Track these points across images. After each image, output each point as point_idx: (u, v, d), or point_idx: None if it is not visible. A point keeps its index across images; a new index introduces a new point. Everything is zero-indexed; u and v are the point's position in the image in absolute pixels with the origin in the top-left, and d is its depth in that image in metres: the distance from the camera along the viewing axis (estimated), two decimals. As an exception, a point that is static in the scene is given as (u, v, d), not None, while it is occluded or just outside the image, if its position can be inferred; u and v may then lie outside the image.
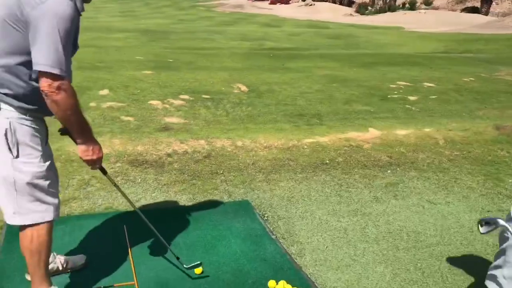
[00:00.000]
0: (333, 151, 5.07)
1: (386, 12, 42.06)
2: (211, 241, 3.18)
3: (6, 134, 2.08)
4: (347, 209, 3.80)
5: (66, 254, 2.87)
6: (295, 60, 11.13)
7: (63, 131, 2.47)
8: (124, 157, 4.51)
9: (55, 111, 2.04)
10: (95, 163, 2.31)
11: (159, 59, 9.97)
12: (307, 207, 3.81)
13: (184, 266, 2.77)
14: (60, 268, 2.73)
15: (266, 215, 3.63)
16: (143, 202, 3.72)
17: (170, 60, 9.92)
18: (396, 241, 3.37)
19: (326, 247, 3.25)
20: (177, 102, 6.62)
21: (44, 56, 1.92)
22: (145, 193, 3.85)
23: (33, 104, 2.11)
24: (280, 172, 4.45)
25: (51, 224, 2.30)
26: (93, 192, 3.78)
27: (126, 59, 9.75)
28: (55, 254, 2.73)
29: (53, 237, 2.29)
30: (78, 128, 2.17)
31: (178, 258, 2.80)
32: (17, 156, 2.12)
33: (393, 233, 3.47)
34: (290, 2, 49.78)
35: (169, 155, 4.65)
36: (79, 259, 2.84)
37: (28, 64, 2.01)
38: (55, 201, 2.29)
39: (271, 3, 49.83)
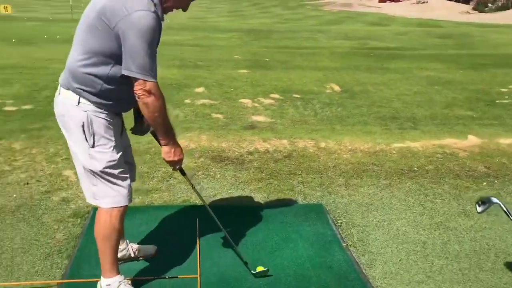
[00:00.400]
0: (424, 158, 4.75)
1: (509, 9, 38.46)
2: (278, 243, 3.15)
3: (83, 126, 2.25)
4: (429, 222, 3.53)
5: (140, 243, 3.03)
6: (397, 60, 10.63)
7: (136, 131, 2.63)
8: (208, 152, 4.65)
9: (145, 113, 2.21)
10: (176, 164, 2.46)
11: (256, 58, 10.14)
12: (385, 216, 3.61)
13: (252, 272, 2.77)
14: (132, 255, 2.88)
15: (339, 221, 3.50)
16: (219, 197, 3.79)
17: (267, 59, 10.04)
18: (480, 260, 3.05)
19: (400, 259, 3.04)
20: (267, 101, 6.68)
21: (135, 64, 2.08)
22: (222, 189, 3.93)
23: (107, 100, 2.25)
24: (362, 177, 4.27)
25: (123, 210, 2.43)
26: (174, 185, 3.94)
27: (225, 58, 10.06)
28: (127, 241, 2.89)
29: (131, 225, 2.44)
30: (163, 130, 2.30)
31: (246, 263, 2.81)
32: (93, 146, 2.28)
33: (479, 252, 3.15)
34: (401, 0, 47.71)
35: (250, 153, 4.70)
36: (150, 249, 2.97)
37: (108, 65, 2.17)
38: (126, 189, 2.42)
39: (381, 1, 48.10)
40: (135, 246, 2.92)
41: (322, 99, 6.85)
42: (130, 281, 2.59)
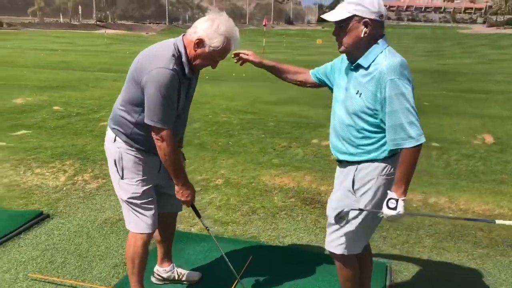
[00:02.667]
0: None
1: None
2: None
3: (115, 160, 2.64)
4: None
5: (193, 269, 3.28)
6: None
7: None
8: (303, 194, 4.69)
9: (160, 155, 2.52)
10: (184, 203, 2.74)
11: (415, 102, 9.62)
12: (461, 289, 3.12)
13: None
14: (176, 277, 3.14)
15: (396, 284, 3.18)
16: (287, 240, 3.81)
17: (425, 103, 9.45)
18: None
19: None
20: (399, 147, 6.33)
21: (151, 113, 2.41)
22: (295, 231, 3.93)
23: (136, 141, 2.61)
24: (456, 242, 3.76)
25: (146, 237, 2.71)
26: (252, 221, 4.11)
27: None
28: (174, 265, 3.17)
29: (193, 251, 2.71)
30: (173, 171, 2.58)
31: None
32: (122, 178, 2.65)
33: None
34: None
35: (346, 199, 4.57)
36: (195, 276, 3.20)
37: (136, 113, 2.52)
38: (150, 218, 2.71)
39: None
40: (181, 271, 3.18)
41: (464, 150, 6.18)
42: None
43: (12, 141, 6.20)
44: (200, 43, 2.41)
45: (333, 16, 2.26)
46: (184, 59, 2.44)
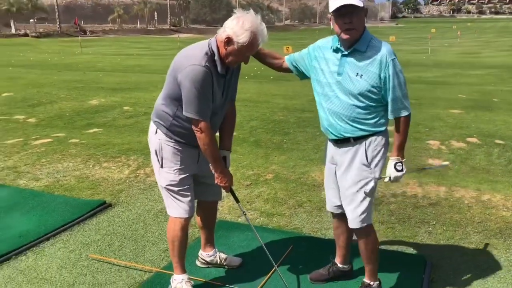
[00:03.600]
0: None
1: None
2: (343, 285, 3.11)
3: (156, 150, 2.89)
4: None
5: (236, 255, 3.48)
6: None
7: None
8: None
9: (200, 144, 2.75)
10: (224, 189, 2.94)
11: (483, 98, 9.22)
12: (499, 284, 3.05)
13: None
14: (218, 262, 3.35)
15: (435, 281, 3.16)
16: (330, 232, 3.86)
17: (495, 100, 9.00)
18: None
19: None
20: (458, 144, 6.16)
21: (188, 106, 2.64)
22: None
23: (173, 133, 2.83)
24: (506, 239, 3.65)
25: (184, 221, 2.93)
26: (297, 214, 4.23)
27: (445, 97, 9.51)
28: (217, 250, 3.38)
29: (237, 239, 2.98)
30: (211, 159, 2.80)
31: None
32: (162, 166, 2.90)
33: None
34: None
35: (394, 195, 4.55)
36: (236, 261, 3.39)
37: (175, 106, 2.75)
38: (186, 204, 2.92)
39: None
40: (223, 256, 3.38)
41: (531, 148, 5.87)
42: (191, 282, 3.06)
43: (85, 138, 6.77)
44: (228, 41, 2.59)
45: (357, 2, 2.45)
46: (217, 57, 2.64)
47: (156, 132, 2.88)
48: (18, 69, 17.28)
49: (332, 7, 2.50)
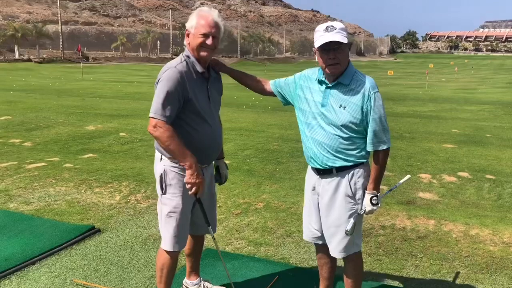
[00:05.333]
0: None
1: None
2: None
3: (161, 175, 2.87)
4: None
5: (221, 284, 3.45)
6: None
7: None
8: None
9: (161, 147, 2.72)
10: (199, 186, 2.73)
11: (475, 134, 9.31)
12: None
13: None
14: (202, 290, 3.35)
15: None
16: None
17: (488, 135, 9.09)
18: None
19: None
20: (449, 178, 6.20)
21: (152, 107, 2.66)
22: (325, 255, 4.00)
23: None
24: (491, 274, 3.63)
25: (173, 253, 2.92)
26: (286, 244, 4.21)
27: (439, 131, 9.59)
28: (202, 279, 3.37)
29: (223, 268, 2.93)
30: (180, 153, 2.66)
31: None
32: (165, 193, 2.87)
33: None
34: None
35: (383, 227, 4.56)
36: (219, 289, 3.38)
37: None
38: (182, 238, 2.89)
39: None
40: (208, 285, 3.36)
41: (521, 183, 5.91)
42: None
43: (79, 163, 6.81)
44: (187, 34, 2.74)
45: (341, 39, 2.53)
46: (192, 59, 2.75)
47: (161, 159, 2.86)
48: (18, 93, 17.45)
49: (318, 43, 2.58)
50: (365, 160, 2.73)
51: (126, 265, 3.80)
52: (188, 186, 2.74)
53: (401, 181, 3.10)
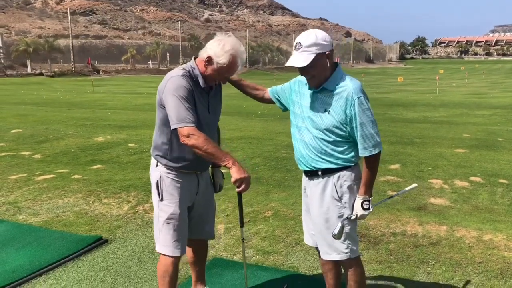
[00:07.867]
0: None
1: None
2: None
3: (157, 182, 2.88)
4: None
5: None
6: None
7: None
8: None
9: (200, 154, 2.59)
10: (248, 182, 2.58)
11: (487, 138, 9.17)
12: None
13: None
14: (207, 300, 3.30)
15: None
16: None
17: (500, 139, 8.95)
18: None
19: None
20: (461, 183, 6.09)
21: (172, 117, 2.61)
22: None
23: (173, 162, 2.82)
24: (506, 280, 3.55)
25: (174, 259, 2.91)
26: (295, 252, 4.15)
27: (450, 136, 9.47)
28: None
29: (231, 277, 2.95)
30: (220, 155, 2.56)
31: None
32: (162, 200, 2.88)
33: None
34: None
35: (394, 234, 4.48)
36: (226, 299, 3.33)
37: (168, 132, 2.76)
38: (181, 242, 2.88)
39: None
40: (212, 293, 3.34)
41: (535, 187, 5.79)
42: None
43: (88, 174, 6.81)
44: (209, 60, 2.67)
45: (301, 62, 2.55)
46: (197, 71, 2.71)
47: (157, 165, 2.87)
48: (30, 106, 17.63)
49: (287, 62, 2.65)
50: (352, 164, 2.70)
51: (133, 275, 3.77)
52: (236, 183, 2.57)
53: (406, 189, 3.04)
